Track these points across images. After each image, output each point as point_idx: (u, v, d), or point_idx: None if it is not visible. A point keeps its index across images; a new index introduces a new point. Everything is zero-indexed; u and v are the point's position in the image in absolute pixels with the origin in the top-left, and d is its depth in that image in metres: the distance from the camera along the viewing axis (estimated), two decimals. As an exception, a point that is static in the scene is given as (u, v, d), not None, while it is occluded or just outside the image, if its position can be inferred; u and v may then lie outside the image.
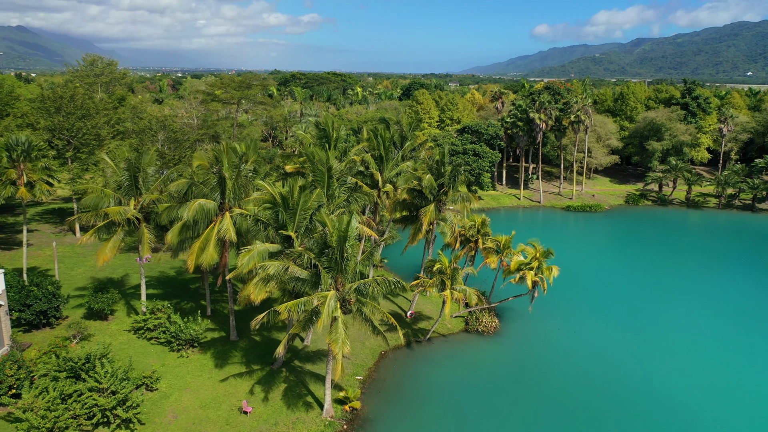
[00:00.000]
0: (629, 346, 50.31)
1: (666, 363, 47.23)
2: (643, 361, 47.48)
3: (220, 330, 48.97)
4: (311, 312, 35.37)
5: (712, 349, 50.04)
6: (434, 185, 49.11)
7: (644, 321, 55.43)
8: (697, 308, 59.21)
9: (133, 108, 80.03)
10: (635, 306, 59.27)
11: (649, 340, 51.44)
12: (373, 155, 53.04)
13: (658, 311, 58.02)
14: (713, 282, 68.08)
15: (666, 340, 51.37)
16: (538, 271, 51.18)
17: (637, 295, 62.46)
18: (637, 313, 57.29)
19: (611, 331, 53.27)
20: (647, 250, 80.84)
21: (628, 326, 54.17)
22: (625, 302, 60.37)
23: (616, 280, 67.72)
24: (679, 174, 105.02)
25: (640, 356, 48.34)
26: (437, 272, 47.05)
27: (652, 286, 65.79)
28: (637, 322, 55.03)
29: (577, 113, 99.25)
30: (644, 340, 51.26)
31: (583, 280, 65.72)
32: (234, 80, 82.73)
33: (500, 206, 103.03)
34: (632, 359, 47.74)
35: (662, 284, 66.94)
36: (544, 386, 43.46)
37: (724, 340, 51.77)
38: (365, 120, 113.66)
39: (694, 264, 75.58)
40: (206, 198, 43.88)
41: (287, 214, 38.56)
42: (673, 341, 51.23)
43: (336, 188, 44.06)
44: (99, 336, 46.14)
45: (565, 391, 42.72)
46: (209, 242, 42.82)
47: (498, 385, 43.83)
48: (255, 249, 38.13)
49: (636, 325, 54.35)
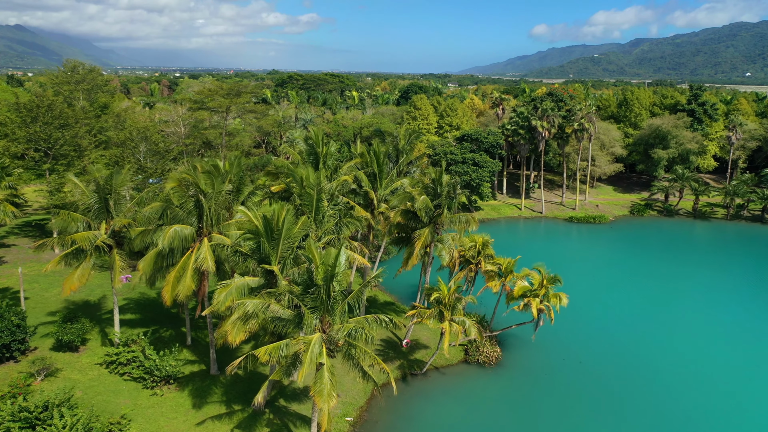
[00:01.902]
0: (640, 377, 46.71)
1: (682, 396, 43.67)
2: (657, 394, 43.89)
3: (200, 362, 45.32)
4: (294, 356, 31.77)
5: (734, 380, 46.45)
6: (430, 206, 45.43)
7: (655, 349, 51.85)
8: (715, 336, 55.38)
9: (117, 116, 76.16)
10: (645, 332, 55.63)
11: (661, 371, 47.83)
12: (366, 172, 49.38)
13: (671, 337, 54.45)
14: (732, 305, 64.11)
15: (681, 371, 47.77)
16: (544, 299, 47.64)
17: (646, 319, 58.83)
18: (647, 340, 53.68)
19: (619, 359, 49.68)
20: (657, 266, 77.01)
21: (637, 354, 50.56)
22: (634, 327, 56.74)
23: (624, 301, 64.06)
24: (686, 183, 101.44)
25: (653, 389, 44.74)
26: (435, 302, 43.43)
27: (664, 309, 62.14)
28: (647, 351, 51.44)
29: (581, 121, 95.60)
30: (656, 371, 47.66)
31: (589, 301, 62.05)
32: (222, 87, 78.80)
33: (500, 217, 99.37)
34: (644, 393, 44.14)
35: (675, 306, 63.39)
36: (548, 426, 39.90)
37: (747, 372, 48.18)
38: (361, 126, 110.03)
39: (707, 283, 71.55)
40: (183, 223, 40.29)
41: (270, 243, 34.93)
42: (689, 372, 47.63)
43: (325, 211, 40.39)
44: (67, 371, 42.43)
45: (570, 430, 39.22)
46: (186, 272, 39.14)
47: (499, 424, 40.27)
48: (233, 284, 34.51)
49: (646, 354, 50.75)
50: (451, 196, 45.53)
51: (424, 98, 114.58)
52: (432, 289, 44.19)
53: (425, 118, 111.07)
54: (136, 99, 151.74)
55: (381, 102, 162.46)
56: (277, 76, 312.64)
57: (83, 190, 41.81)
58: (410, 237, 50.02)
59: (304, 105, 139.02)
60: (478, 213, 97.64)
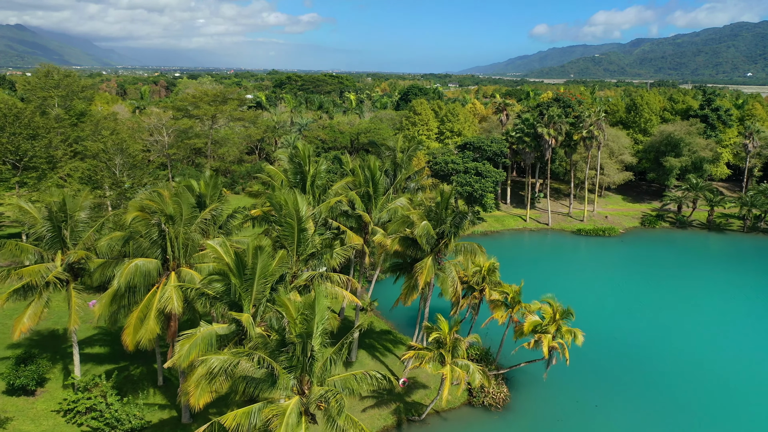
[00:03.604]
0: (665, 422, 41.63)
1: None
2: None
3: (171, 407, 40.32)
4: (268, 423, 26.74)
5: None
6: (432, 234, 40.33)
7: (681, 387, 46.70)
8: (751, 371, 50.27)
9: (97, 123, 71.05)
10: (667, 367, 50.45)
11: (689, 410, 42.75)
12: (359, 192, 44.30)
13: (699, 374, 49.20)
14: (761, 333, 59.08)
15: (711, 413, 42.69)
16: (557, 335, 42.61)
17: (668, 351, 53.62)
18: (671, 376, 48.52)
19: (639, 400, 44.58)
20: (675, 287, 71.48)
21: (660, 392, 45.45)
22: (654, 361, 51.54)
23: (643, 329, 58.66)
24: (700, 194, 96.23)
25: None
26: (435, 344, 38.39)
27: (689, 339, 56.45)
28: (672, 388, 46.31)
29: (590, 128, 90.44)
30: (684, 412, 42.57)
31: (604, 329, 56.76)
32: (207, 94, 73.67)
33: (504, 229, 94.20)
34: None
35: (699, 333, 57.99)
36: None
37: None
38: (358, 132, 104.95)
39: (734, 306, 66.05)
40: (147, 255, 35.32)
41: (242, 284, 29.91)
42: (721, 416, 42.55)
43: (308, 243, 35.32)
44: (19, 420, 37.48)
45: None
46: (149, 312, 34.19)
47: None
48: (198, 333, 29.47)
49: (671, 393, 45.62)
50: (457, 222, 40.45)
51: (425, 103, 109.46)
52: (431, 328, 39.15)
53: (425, 124, 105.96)
54: (127, 102, 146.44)
55: (379, 106, 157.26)
56: (277, 76, 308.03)
57: (34, 216, 36.77)
58: (408, 263, 45.03)
59: (300, 109, 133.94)
60: (481, 225, 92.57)
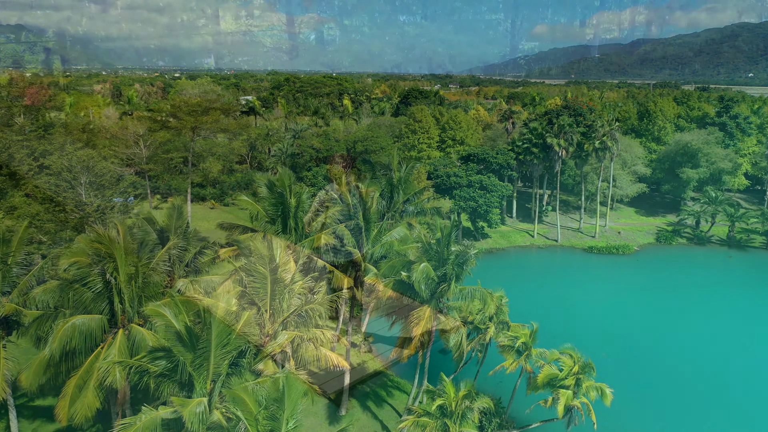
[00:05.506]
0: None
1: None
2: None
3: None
4: None
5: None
6: (432, 277, 34.20)
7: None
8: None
9: (68, 134, 64.91)
10: (699, 411, 44.38)
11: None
12: (348, 226, 38.11)
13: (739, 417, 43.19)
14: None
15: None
16: (579, 392, 36.47)
17: (701, 391, 47.55)
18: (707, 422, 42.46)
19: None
20: (700, 314, 65.49)
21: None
22: (687, 406, 45.45)
23: (669, 365, 52.62)
24: (719, 208, 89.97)
25: None
26: (438, 411, 32.23)
27: (721, 372, 50.71)
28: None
29: (603, 138, 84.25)
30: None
31: (626, 371, 50.68)
32: (187, 103, 67.38)
33: (510, 245, 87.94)
34: None
35: (732, 369, 51.98)
36: None
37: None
38: (355, 140, 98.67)
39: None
40: (90, 311, 29.21)
41: (195, 360, 23.78)
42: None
43: (284, 295, 29.16)
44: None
45: None
46: (89, 382, 28.06)
47: None
48: (139, 423, 23.34)
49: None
50: (461, 262, 34.32)
51: (425, 109, 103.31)
52: (434, 393, 33.00)
53: (426, 132, 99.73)
54: (117, 106, 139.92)
55: (377, 111, 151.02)
56: (276, 77, 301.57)
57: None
58: (405, 305, 38.87)
59: (294, 115, 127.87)
60: (486, 242, 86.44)
